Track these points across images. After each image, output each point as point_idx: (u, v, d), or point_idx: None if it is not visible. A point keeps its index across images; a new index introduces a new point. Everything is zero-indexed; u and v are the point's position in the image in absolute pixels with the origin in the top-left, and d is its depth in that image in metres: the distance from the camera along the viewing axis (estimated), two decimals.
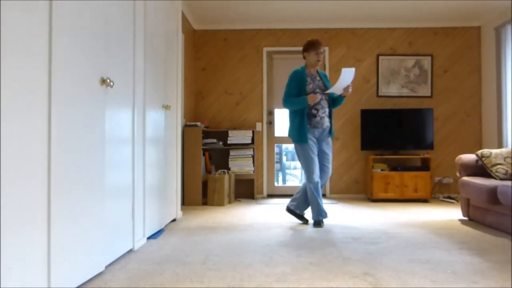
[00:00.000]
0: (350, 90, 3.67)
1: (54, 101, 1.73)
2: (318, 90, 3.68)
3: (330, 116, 3.75)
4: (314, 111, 3.65)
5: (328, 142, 3.77)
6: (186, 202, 4.90)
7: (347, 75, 3.55)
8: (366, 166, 5.60)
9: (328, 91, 3.69)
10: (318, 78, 3.76)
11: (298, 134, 3.63)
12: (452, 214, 4.26)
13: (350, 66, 5.72)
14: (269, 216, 4.09)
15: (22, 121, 1.53)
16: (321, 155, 3.72)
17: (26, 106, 1.55)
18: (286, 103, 3.70)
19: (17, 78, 1.50)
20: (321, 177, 3.70)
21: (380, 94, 5.74)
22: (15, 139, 1.49)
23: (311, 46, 3.72)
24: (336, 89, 3.64)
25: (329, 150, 3.75)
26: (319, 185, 3.64)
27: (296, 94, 3.67)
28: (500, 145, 5.19)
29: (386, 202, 5.16)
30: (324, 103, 3.71)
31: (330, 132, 3.76)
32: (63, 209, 1.81)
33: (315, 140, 3.69)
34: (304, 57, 3.78)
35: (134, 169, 2.70)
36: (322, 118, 3.67)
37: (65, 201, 1.83)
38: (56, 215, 1.75)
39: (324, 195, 5.70)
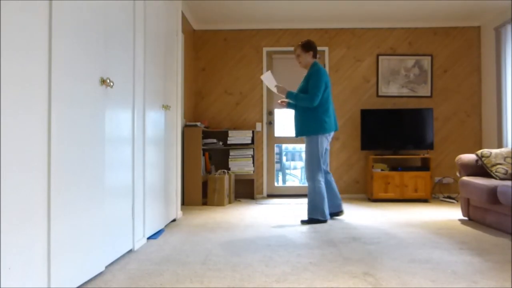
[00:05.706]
0: (276, 92, 3.84)
1: (54, 101, 1.73)
2: None
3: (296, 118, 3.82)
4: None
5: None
6: (186, 202, 4.90)
7: (266, 80, 3.81)
8: (366, 166, 5.60)
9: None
10: None
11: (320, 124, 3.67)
12: (452, 214, 4.26)
13: (350, 66, 5.75)
14: (269, 216, 4.09)
15: (22, 121, 1.53)
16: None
17: (26, 106, 1.55)
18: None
19: (17, 78, 1.50)
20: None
21: (380, 94, 5.74)
22: (15, 139, 1.49)
23: (315, 48, 3.82)
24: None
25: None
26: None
27: None
28: (500, 145, 5.19)
29: (386, 202, 5.16)
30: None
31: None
32: (63, 209, 1.81)
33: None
34: (298, 56, 3.81)
35: (134, 169, 2.71)
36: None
37: (65, 201, 1.83)
38: (56, 215, 1.75)
39: None
